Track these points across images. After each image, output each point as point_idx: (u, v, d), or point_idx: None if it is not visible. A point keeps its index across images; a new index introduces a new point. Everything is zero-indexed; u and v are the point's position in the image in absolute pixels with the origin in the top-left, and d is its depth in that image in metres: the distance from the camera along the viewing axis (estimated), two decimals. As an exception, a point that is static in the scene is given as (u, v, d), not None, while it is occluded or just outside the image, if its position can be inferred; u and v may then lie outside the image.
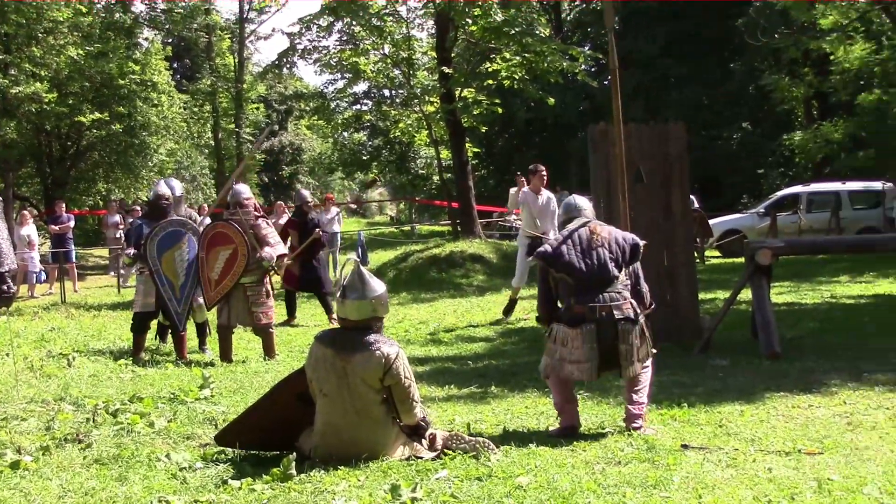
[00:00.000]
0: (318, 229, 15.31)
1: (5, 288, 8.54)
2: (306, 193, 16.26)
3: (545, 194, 14.30)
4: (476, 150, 34.89)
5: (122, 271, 23.55)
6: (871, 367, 9.58)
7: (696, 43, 41.91)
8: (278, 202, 29.00)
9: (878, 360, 9.95)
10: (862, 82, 35.09)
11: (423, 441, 6.49)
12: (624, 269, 7.24)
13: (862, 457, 6.21)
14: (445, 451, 6.37)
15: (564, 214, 7.74)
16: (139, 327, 11.74)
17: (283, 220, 25.07)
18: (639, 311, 7.21)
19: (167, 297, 11.42)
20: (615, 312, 7.07)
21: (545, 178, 14.51)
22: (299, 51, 28.40)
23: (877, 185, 28.54)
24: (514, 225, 33.69)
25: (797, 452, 6.33)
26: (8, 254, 8.54)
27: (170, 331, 12.11)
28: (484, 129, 31.02)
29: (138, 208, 25.81)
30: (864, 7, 32.16)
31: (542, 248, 7.52)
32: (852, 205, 27.93)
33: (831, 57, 34.73)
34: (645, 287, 7.43)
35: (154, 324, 12.19)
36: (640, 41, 41.70)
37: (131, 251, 11.79)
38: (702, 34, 41.87)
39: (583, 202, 7.80)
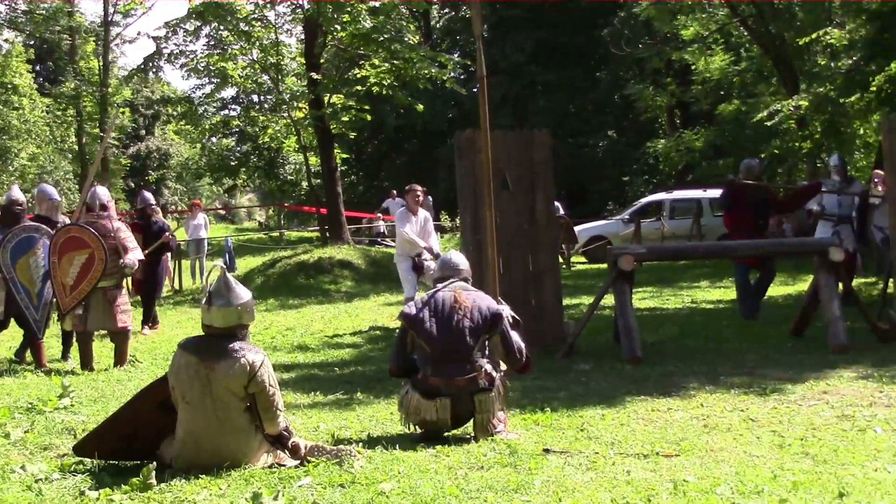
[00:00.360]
0: (166, 233, 14.94)
1: None
2: (149, 196, 15.64)
3: (422, 214, 14.29)
4: (345, 156, 34.85)
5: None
6: (727, 370, 9.79)
7: (563, 51, 42.45)
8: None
9: (735, 364, 10.17)
10: (722, 92, 35.91)
11: (287, 449, 6.44)
12: (482, 338, 7.24)
13: (716, 458, 6.33)
14: (309, 458, 6.33)
15: (440, 271, 7.76)
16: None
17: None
18: (495, 375, 7.22)
19: (24, 305, 11.09)
20: (471, 385, 7.11)
21: (420, 198, 14.44)
22: (166, 55, 28.04)
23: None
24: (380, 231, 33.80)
25: (655, 455, 6.42)
26: None
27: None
28: (353, 136, 30.98)
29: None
30: (724, 20, 32.94)
31: (406, 309, 7.48)
32: (713, 212, 28.44)
33: (692, 67, 35.51)
34: (520, 345, 7.45)
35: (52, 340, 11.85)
36: (509, 49, 42.06)
37: None
38: (569, 43, 42.40)
39: (459, 260, 7.80)
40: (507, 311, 7.49)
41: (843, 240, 13.92)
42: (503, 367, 7.44)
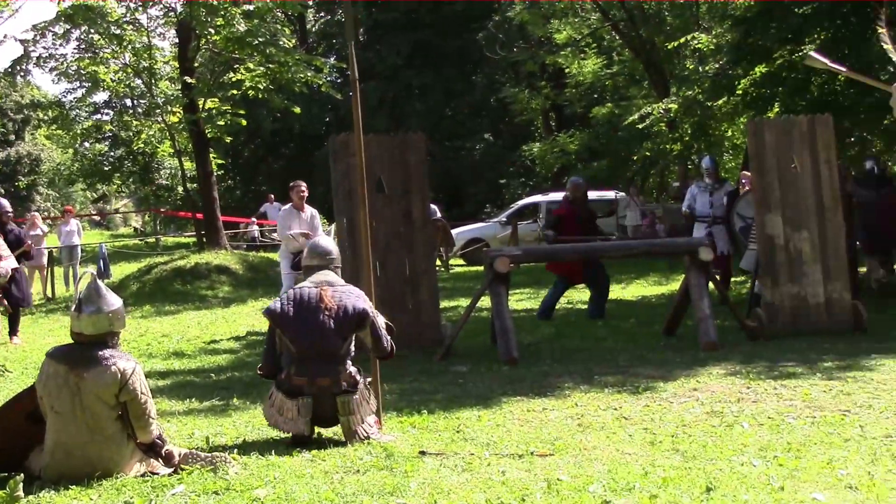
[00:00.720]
0: (28, 242, 14.54)
1: None
2: (4, 202, 14.89)
3: (309, 210, 14.24)
4: (221, 161, 34.45)
5: None
6: (601, 369, 9.91)
7: (439, 55, 42.58)
8: (33, 213, 27.95)
9: (609, 363, 10.30)
10: (595, 95, 36.40)
11: (160, 457, 6.34)
12: (347, 339, 7.23)
13: (590, 456, 6.38)
14: (183, 466, 6.24)
15: (308, 258, 7.71)
16: None
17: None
18: (359, 378, 7.21)
19: None
20: (333, 387, 7.09)
21: (305, 194, 14.38)
22: (34, 58, 27.41)
23: (610, 194, 29.61)
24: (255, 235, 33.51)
25: (530, 455, 6.44)
26: None
27: None
28: (229, 140, 30.64)
29: None
30: (596, 24, 33.43)
31: (272, 306, 7.41)
32: (588, 213, 28.81)
33: (566, 71, 35.92)
34: (387, 340, 7.42)
35: None
36: (385, 52, 42.07)
37: None
38: (444, 46, 42.56)
39: (329, 246, 7.78)
40: (381, 320, 7.45)
41: (718, 241, 14.25)
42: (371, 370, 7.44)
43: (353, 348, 7.30)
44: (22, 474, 5.92)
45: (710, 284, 11.67)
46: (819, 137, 11.86)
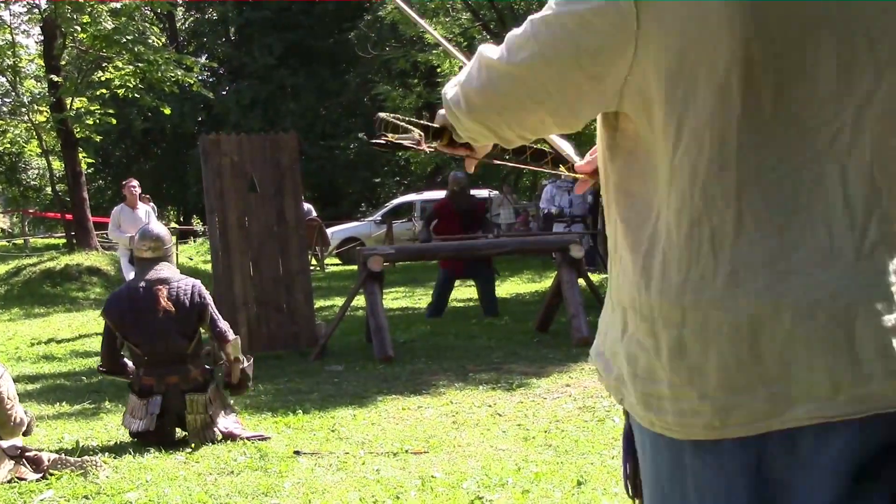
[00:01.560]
0: None
1: None
2: None
3: (143, 208, 14.15)
4: (91, 160, 33.80)
5: None
6: (476, 366, 10.00)
7: (311, 54, 42.41)
8: None
9: (482, 360, 10.39)
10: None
11: (28, 462, 6.22)
12: (194, 337, 7.20)
13: (464, 453, 6.44)
14: (52, 471, 6.13)
15: (140, 244, 7.52)
16: None
17: None
18: (209, 377, 7.21)
19: None
20: (182, 384, 7.05)
21: (136, 190, 14.47)
22: None
23: (484, 193, 29.79)
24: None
25: (405, 452, 6.49)
26: None
27: None
28: (99, 139, 30.08)
29: None
30: (467, 23, 33.57)
31: (112, 305, 7.31)
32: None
33: (438, 69, 35.97)
34: (224, 326, 7.37)
35: None
36: (257, 52, 41.74)
37: None
38: (317, 45, 42.42)
39: (161, 231, 7.67)
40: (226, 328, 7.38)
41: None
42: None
43: (202, 345, 7.27)
44: None
45: (582, 281, 11.83)
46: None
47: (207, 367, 7.29)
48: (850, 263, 1.71)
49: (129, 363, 7.38)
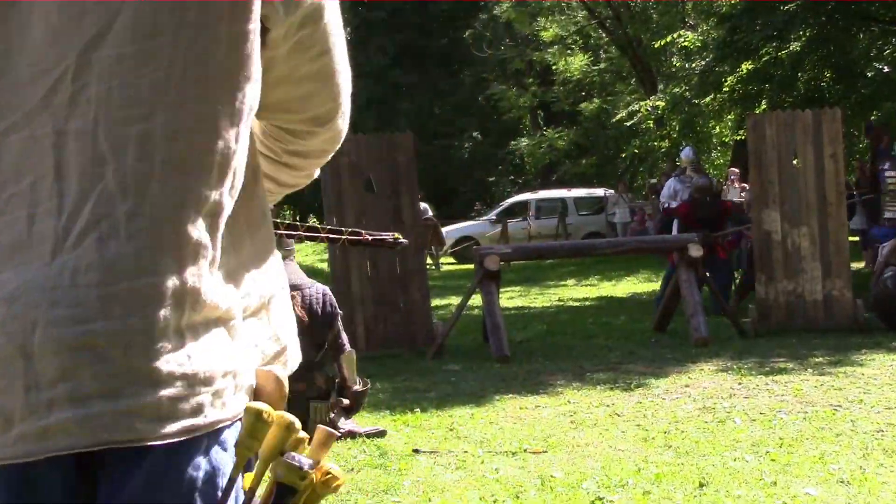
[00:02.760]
0: None
1: None
2: None
3: None
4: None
5: None
6: (593, 366, 9.93)
7: (425, 54, 42.49)
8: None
9: (600, 360, 10.33)
10: (583, 92, 36.34)
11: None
12: (322, 346, 7.15)
13: (583, 453, 6.40)
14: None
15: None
16: None
17: None
18: (329, 384, 7.16)
19: None
20: (308, 391, 7.07)
21: None
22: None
23: (599, 192, 29.63)
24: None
25: (523, 452, 6.47)
26: None
27: None
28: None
29: None
30: (582, 21, 33.42)
31: None
32: (578, 211, 28.87)
33: (553, 68, 35.92)
34: (345, 339, 7.35)
35: None
36: (371, 52, 41.95)
37: None
38: (431, 45, 42.49)
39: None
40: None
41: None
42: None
43: (328, 354, 7.30)
44: None
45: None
46: (825, 132, 11.71)
47: (332, 377, 7.31)
48: (47, 257, 1.35)
49: None
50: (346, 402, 7.36)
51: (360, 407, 7.47)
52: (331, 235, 2.82)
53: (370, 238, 2.76)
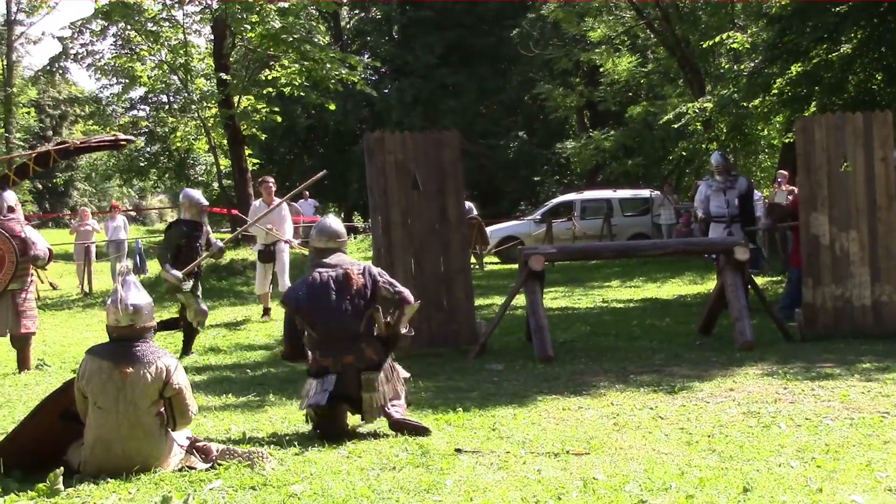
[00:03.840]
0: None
1: None
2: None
3: (276, 201, 14.67)
4: (256, 158, 34.50)
5: None
6: (637, 368, 9.92)
7: (472, 53, 42.61)
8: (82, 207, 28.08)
9: (644, 362, 10.31)
10: (630, 93, 36.29)
11: (198, 452, 6.38)
12: (366, 316, 7.31)
13: (626, 456, 6.38)
14: (220, 461, 6.26)
15: (319, 239, 7.72)
16: None
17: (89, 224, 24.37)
18: (384, 358, 7.29)
19: None
20: (358, 363, 7.17)
21: (272, 188, 15.55)
22: (72, 55, 27.70)
23: (645, 193, 29.55)
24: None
25: (565, 453, 6.45)
26: None
27: None
28: (264, 137, 30.79)
29: None
30: (630, 22, 33.35)
31: (290, 293, 7.59)
32: (623, 212, 28.82)
33: (600, 68, 35.89)
34: (405, 290, 7.50)
35: None
36: (419, 50, 42.12)
37: None
38: (478, 44, 42.60)
39: (339, 227, 7.81)
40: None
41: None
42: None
43: (373, 325, 7.37)
44: (62, 468, 5.97)
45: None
46: (876, 135, 11.62)
47: (382, 348, 7.37)
48: None
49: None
50: (400, 387, 7.43)
51: (397, 346, 7.55)
52: (57, 147, 2.86)
53: (94, 142, 2.82)
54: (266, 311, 15.68)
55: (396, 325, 7.40)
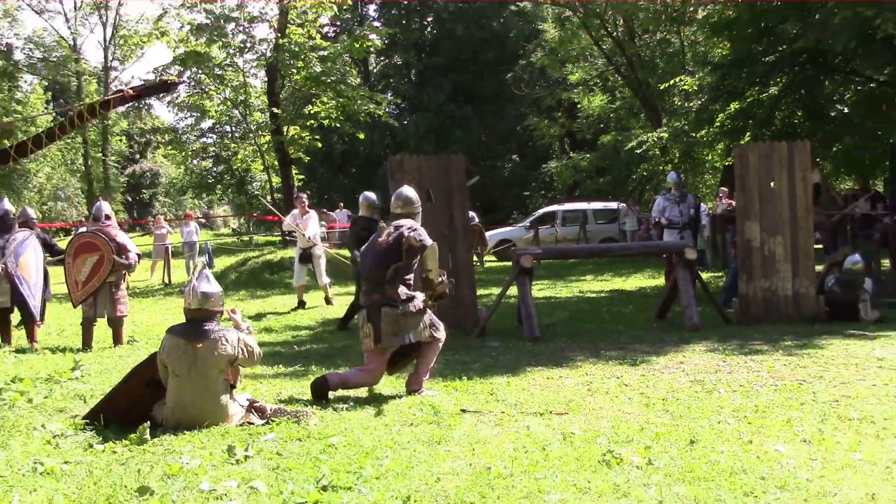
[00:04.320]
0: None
1: None
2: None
3: (308, 213, 14.79)
4: (301, 176, 34.47)
5: None
6: (606, 346, 9.92)
7: (474, 92, 42.59)
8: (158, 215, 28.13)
9: (612, 341, 10.31)
10: (601, 125, 36.23)
11: (255, 411, 6.42)
12: (391, 264, 7.33)
13: (597, 415, 6.40)
14: (273, 418, 6.31)
15: (393, 205, 7.81)
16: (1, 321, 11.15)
17: (163, 229, 24.52)
18: (403, 298, 7.32)
19: (26, 294, 10.82)
20: (380, 300, 7.27)
21: (305, 202, 15.65)
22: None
23: (613, 205, 29.52)
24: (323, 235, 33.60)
25: (549, 413, 6.48)
26: None
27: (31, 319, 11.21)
28: (307, 160, 30.76)
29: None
30: (602, 68, 33.34)
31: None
32: (596, 220, 28.76)
33: (578, 105, 35.85)
34: (424, 240, 7.45)
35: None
36: (432, 91, 42.11)
37: None
38: (480, 85, 42.57)
39: (411, 195, 7.89)
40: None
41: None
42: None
43: (403, 275, 7.40)
44: (148, 423, 6.03)
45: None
46: (797, 160, 11.66)
47: (410, 294, 7.39)
48: None
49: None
50: (434, 304, 7.56)
51: (439, 296, 7.58)
52: (114, 96, 2.73)
53: (148, 86, 2.75)
54: (300, 304, 15.37)
55: (423, 269, 7.45)
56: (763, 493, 4.56)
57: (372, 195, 12.60)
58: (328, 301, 15.37)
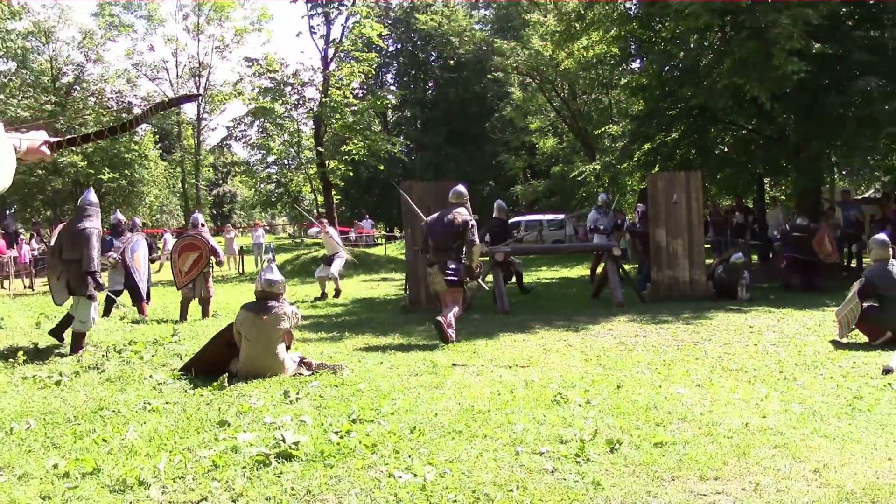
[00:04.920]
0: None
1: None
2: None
3: (328, 230, 14.63)
4: (339, 196, 34.32)
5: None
6: (557, 317, 9.89)
7: (464, 135, 42.49)
8: (227, 225, 27.93)
9: (561, 314, 10.27)
10: (553, 160, 36.18)
11: (304, 365, 6.38)
12: (457, 241, 7.77)
13: (550, 367, 6.38)
14: (317, 371, 6.28)
15: (451, 197, 8.17)
16: (113, 300, 11.09)
17: (231, 234, 24.45)
18: (458, 267, 7.73)
19: (137, 280, 11.02)
20: (441, 266, 7.74)
21: (325, 222, 15.59)
22: (233, 136, 27.63)
23: (561, 216, 29.46)
24: (353, 237, 33.47)
25: (515, 366, 6.46)
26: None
27: (132, 299, 11.18)
28: (342, 184, 30.65)
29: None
30: (553, 119, 33.29)
31: (428, 218, 8.19)
32: (549, 227, 28.70)
33: (536, 145, 35.79)
34: (476, 239, 7.86)
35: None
36: (431, 135, 42.04)
37: (111, 255, 11.02)
38: (467, 131, 42.50)
39: (463, 190, 8.31)
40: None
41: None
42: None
43: (459, 248, 7.79)
44: (227, 374, 5.99)
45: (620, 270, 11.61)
46: (692, 185, 11.67)
47: (460, 266, 7.75)
48: None
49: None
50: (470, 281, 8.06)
51: (475, 276, 8.06)
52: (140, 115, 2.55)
53: (169, 101, 2.58)
54: (322, 297, 13.97)
55: (468, 259, 7.79)
56: (669, 424, 4.54)
57: (502, 203, 13.03)
58: (337, 292, 14.66)
